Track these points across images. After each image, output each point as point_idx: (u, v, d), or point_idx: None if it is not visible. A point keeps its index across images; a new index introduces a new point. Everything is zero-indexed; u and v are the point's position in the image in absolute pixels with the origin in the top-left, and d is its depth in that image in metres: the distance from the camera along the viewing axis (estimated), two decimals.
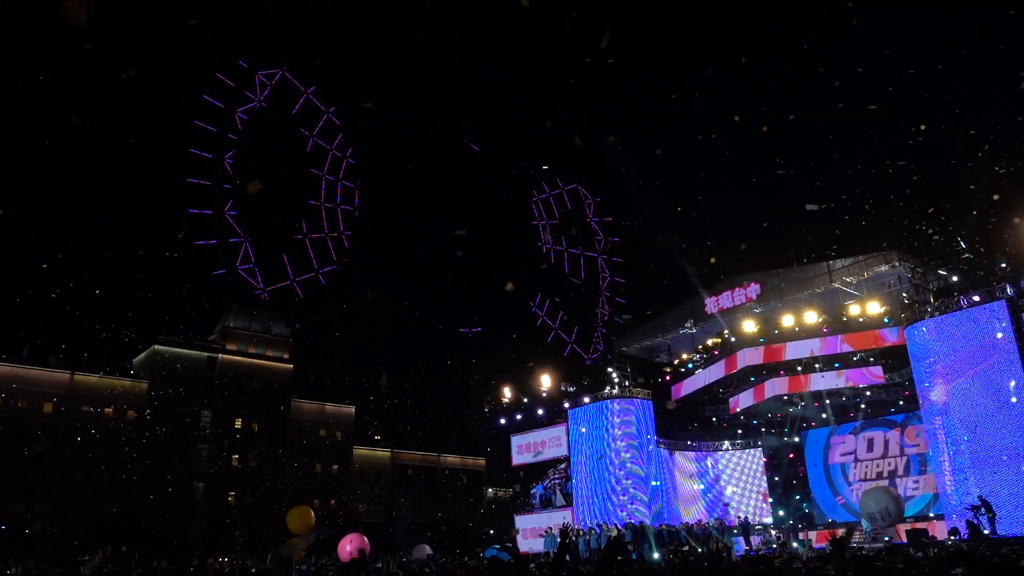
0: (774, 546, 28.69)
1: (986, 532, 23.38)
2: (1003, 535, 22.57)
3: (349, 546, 30.95)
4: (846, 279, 32.82)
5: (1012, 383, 25.77)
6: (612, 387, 35.98)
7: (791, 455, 38.08)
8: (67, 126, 75.32)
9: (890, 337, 31.87)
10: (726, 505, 36.81)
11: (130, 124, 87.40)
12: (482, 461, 76.64)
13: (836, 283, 33.02)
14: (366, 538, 31.92)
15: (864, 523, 30.70)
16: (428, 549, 37.28)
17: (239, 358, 61.94)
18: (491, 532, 55.76)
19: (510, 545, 33.71)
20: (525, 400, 41.34)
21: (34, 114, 74.34)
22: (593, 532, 29.81)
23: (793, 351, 34.37)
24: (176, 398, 56.71)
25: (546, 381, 40.72)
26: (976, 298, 27.46)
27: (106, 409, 54.66)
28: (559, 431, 38.14)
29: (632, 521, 31.41)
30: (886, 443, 34.74)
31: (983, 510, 23.62)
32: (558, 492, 38.07)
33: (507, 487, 63.50)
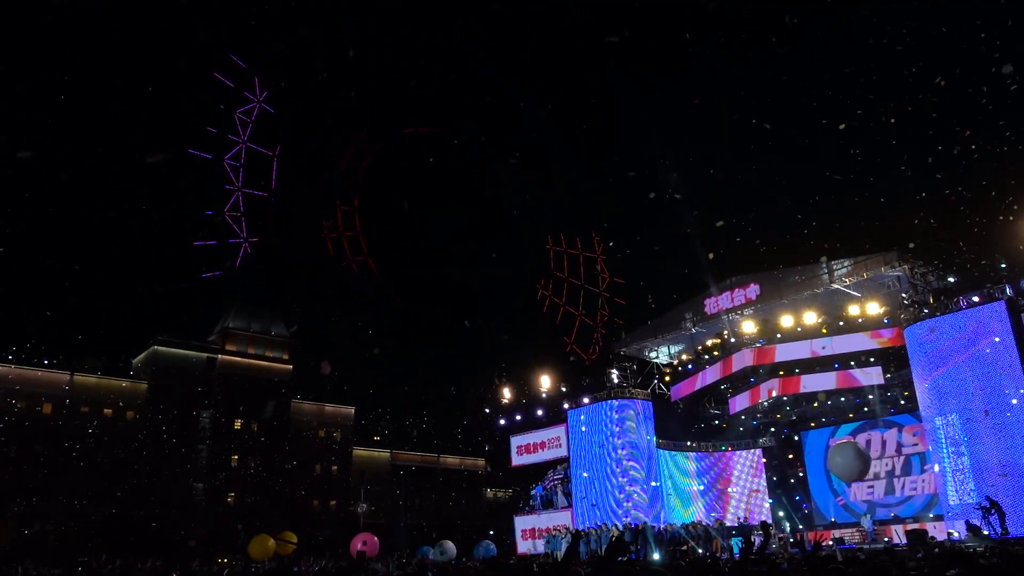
0: (774, 546, 28.68)
1: (985, 533, 23.38)
2: (1014, 535, 22.54)
3: (361, 545, 31.64)
4: (846, 280, 32.85)
5: (1012, 383, 25.80)
6: (612, 387, 35.98)
7: (790, 455, 38.07)
8: (67, 126, 75.34)
9: (888, 336, 31.87)
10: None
11: (130, 124, 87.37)
12: (481, 462, 76.63)
13: (836, 284, 33.04)
14: (375, 538, 32.47)
15: (865, 523, 30.73)
16: (452, 547, 36.96)
17: (239, 359, 61.91)
18: (491, 533, 55.75)
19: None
20: (524, 400, 41.33)
21: (34, 114, 74.35)
22: (593, 533, 29.82)
23: (783, 353, 34.36)
24: (175, 399, 56.68)
25: (546, 382, 40.73)
26: (975, 299, 27.49)
27: (105, 410, 54.64)
28: (559, 431, 38.12)
29: (632, 522, 31.43)
30: (883, 444, 34.74)
31: (992, 511, 23.56)
32: (559, 493, 38.05)
33: (507, 488, 63.52)
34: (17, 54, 61.31)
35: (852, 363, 33.86)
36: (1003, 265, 27.73)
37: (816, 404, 36.92)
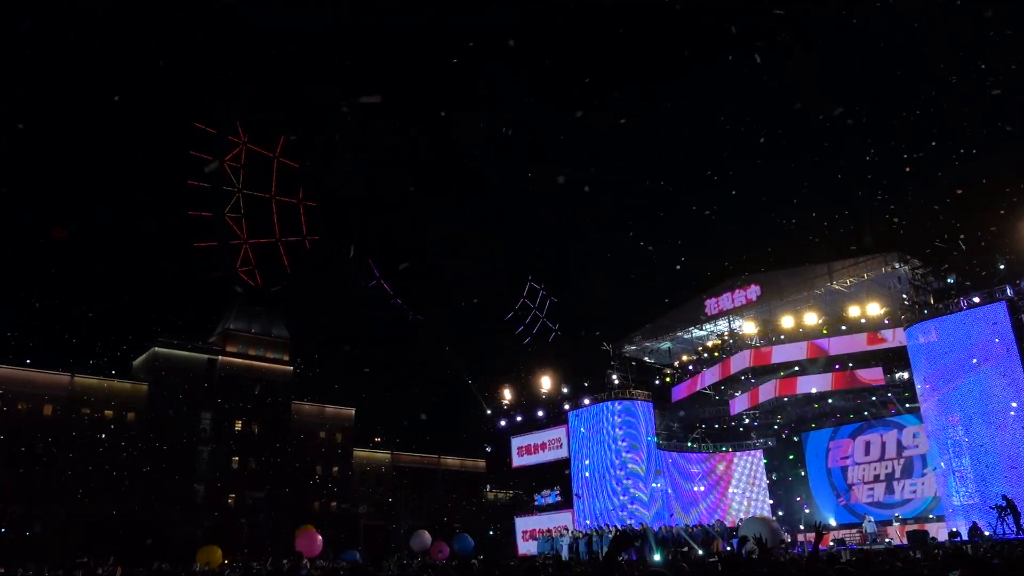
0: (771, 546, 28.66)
1: (987, 534, 23.40)
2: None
3: (305, 539, 32.39)
4: (846, 280, 32.84)
5: (1012, 384, 25.80)
6: (612, 389, 35.98)
7: (791, 456, 38.08)
8: (68, 126, 75.40)
9: (889, 338, 31.86)
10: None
11: (130, 125, 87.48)
12: (482, 463, 76.58)
13: (836, 284, 33.05)
14: (319, 536, 33.29)
15: (867, 525, 30.70)
16: (428, 536, 37.24)
17: (239, 360, 61.84)
18: (491, 533, 55.77)
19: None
20: (525, 402, 41.33)
21: (34, 114, 74.45)
22: (594, 534, 29.81)
23: (781, 354, 34.38)
24: (176, 400, 56.62)
25: (546, 383, 40.72)
26: (976, 299, 27.51)
27: (106, 411, 54.58)
28: (559, 432, 38.14)
29: (632, 523, 31.45)
30: (883, 445, 34.76)
31: (1008, 510, 23.46)
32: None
33: (507, 489, 63.49)
34: (15, 56, 61.38)
35: (852, 364, 33.87)
36: (1002, 266, 27.75)
37: (817, 405, 36.93)
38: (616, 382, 36.52)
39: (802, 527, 35.10)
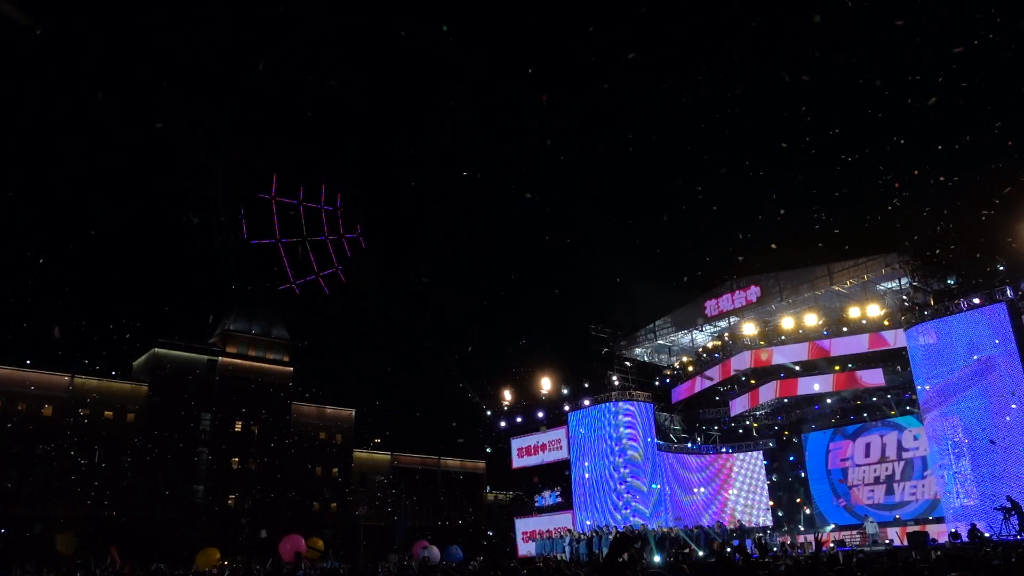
0: (775, 549, 28.69)
1: (987, 535, 23.38)
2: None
3: (289, 545, 32.71)
4: (846, 282, 32.84)
5: (1012, 385, 25.79)
6: (612, 390, 35.97)
7: (791, 457, 38.06)
8: (68, 127, 75.43)
9: (891, 340, 31.86)
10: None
11: (130, 127, 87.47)
12: (482, 464, 76.58)
13: (836, 285, 33.04)
14: (302, 539, 33.72)
15: (868, 527, 30.67)
16: (436, 552, 37.12)
17: (239, 361, 61.83)
18: (491, 534, 55.78)
19: None
20: (525, 403, 41.31)
21: (35, 114, 74.49)
22: (594, 535, 29.79)
23: (782, 355, 34.36)
24: (176, 401, 56.62)
25: (546, 384, 40.72)
26: (976, 300, 27.51)
27: (106, 412, 54.56)
28: (559, 434, 38.13)
29: (632, 524, 31.44)
30: (884, 447, 34.72)
31: (1013, 512, 23.38)
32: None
33: (507, 490, 63.47)
34: (20, 48, 61.36)
35: (852, 365, 33.87)
36: (1001, 267, 27.75)
37: (817, 406, 36.93)
38: (616, 383, 36.53)
39: (801, 528, 35.07)
